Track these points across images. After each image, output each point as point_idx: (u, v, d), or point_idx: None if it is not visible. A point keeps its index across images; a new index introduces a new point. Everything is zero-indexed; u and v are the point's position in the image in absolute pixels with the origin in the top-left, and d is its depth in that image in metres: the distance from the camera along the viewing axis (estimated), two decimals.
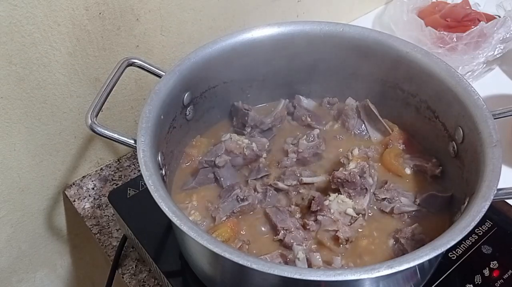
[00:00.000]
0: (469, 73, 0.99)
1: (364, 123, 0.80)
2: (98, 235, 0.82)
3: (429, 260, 0.51)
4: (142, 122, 0.62)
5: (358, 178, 0.69)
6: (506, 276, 0.69)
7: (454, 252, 0.71)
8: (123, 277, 0.76)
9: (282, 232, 0.66)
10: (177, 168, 0.75)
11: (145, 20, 0.80)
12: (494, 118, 0.63)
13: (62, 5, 0.70)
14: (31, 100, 0.75)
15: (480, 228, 0.74)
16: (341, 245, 0.65)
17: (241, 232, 0.67)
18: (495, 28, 0.98)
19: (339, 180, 0.69)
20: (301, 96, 0.84)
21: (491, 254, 0.71)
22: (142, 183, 0.79)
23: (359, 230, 0.67)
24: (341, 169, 0.71)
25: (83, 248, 0.99)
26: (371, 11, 1.21)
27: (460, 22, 1.03)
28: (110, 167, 0.91)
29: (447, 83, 0.69)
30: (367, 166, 0.71)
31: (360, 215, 0.67)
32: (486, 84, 0.99)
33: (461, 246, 0.72)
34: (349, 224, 0.67)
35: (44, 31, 0.70)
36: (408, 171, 0.75)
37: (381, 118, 0.79)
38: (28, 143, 0.78)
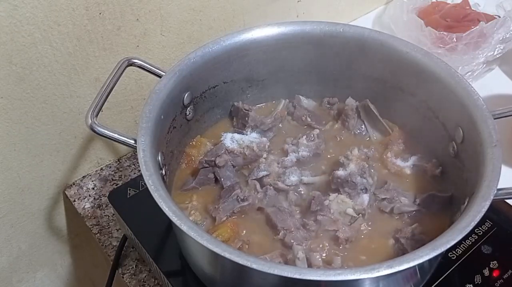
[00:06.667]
0: (469, 73, 0.99)
1: (364, 123, 0.80)
2: (98, 235, 0.82)
3: (429, 260, 0.51)
4: (142, 122, 0.62)
5: (358, 178, 0.69)
6: (506, 276, 0.69)
7: (454, 252, 0.71)
8: (123, 277, 0.76)
9: (282, 232, 0.66)
10: (177, 168, 0.75)
11: (145, 20, 0.80)
12: (494, 118, 0.63)
13: (62, 5, 0.70)
14: (31, 100, 0.75)
15: (480, 228, 0.74)
16: (341, 245, 0.65)
17: (241, 232, 0.67)
18: (495, 28, 0.98)
19: (339, 180, 0.69)
20: (301, 96, 0.84)
21: (491, 254, 0.71)
22: (142, 183, 0.79)
23: (360, 229, 0.67)
24: (341, 169, 0.71)
25: (83, 248, 1.00)
26: (371, 11, 1.21)
27: (460, 22, 1.03)
28: (110, 167, 0.91)
29: (447, 83, 0.69)
30: (367, 166, 0.71)
31: (360, 215, 0.67)
32: (486, 84, 0.99)
33: (461, 246, 0.72)
34: (349, 224, 0.67)
35: (45, 31, 0.70)
36: (408, 171, 0.75)
37: (381, 118, 0.79)
38: (28, 143, 0.78)
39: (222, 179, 0.71)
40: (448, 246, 0.51)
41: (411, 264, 0.50)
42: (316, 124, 0.81)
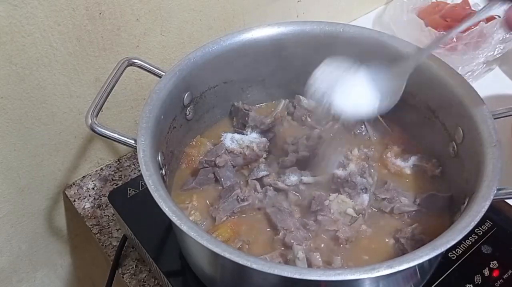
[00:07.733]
0: (469, 73, 0.99)
1: (364, 123, 0.80)
2: (98, 235, 0.82)
3: (429, 260, 0.51)
4: (142, 122, 0.62)
5: (358, 177, 0.69)
6: (506, 276, 0.69)
7: (454, 252, 0.71)
8: (123, 277, 0.76)
9: (282, 232, 0.66)
10: (177, 168, 0.75)
11: (145, 20, 0.80)
12: (494, 118, 0.63)
13: (62, 5, 0.70)
14: (31, 100, 0.75)
15: (480, 228, 0.74)
16: (341, 245, 0.65)
17: (241, 232, 0.67)
18: (495, 28, 0.98)
19: (339, 180, 0.69)
20: (301, 96, 0.84)
21: (491, 254, 0.71)
22: (142, 183, 0.79)
23: (360, 229, 0.67)
24: (341, 169, 0.71)
25: (83, 248, 1.00)
26: (371, 11, 1.21)
27: (460, 22, 1.03)
28: (110, 167, 0.91)
29: (447, 83, 0.69)
30: (367, 166, 0.71)
31: (360, 215, 0.67)
32: (486, 84, 0.99)
33: (461, 246, 0.72)
34: (349, 224, 0.67)
35: (45, 31, 0.70)
36: (408, 171, 0.75)
37: (381, 119, 0.79)
38: (28, 143, 0.78)
39: (222, 179, 0.71)
40: (448, 246, 0.51)
41: (411, 264, 0.50)
42: (316, 124, 0.81)
